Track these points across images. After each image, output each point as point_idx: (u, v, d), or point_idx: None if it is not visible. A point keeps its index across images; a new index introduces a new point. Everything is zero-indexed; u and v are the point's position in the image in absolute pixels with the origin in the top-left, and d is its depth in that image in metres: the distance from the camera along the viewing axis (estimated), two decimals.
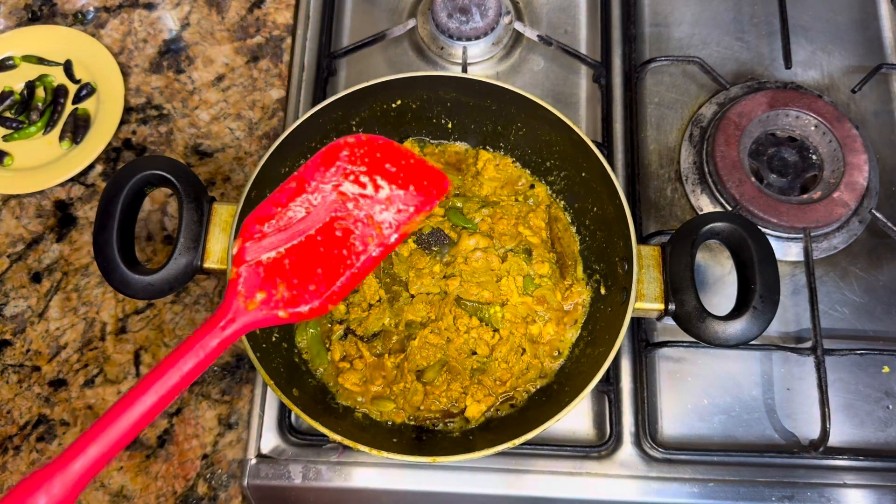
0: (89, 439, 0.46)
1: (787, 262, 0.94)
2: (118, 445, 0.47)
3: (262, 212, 0.55)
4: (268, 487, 0.83)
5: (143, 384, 0.48)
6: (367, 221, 0.56)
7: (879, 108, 1.04)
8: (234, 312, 0.52)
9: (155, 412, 0.48)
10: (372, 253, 0.55)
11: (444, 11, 1.01)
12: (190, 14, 1.08)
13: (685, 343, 0.85)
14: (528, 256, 0.86)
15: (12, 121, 1.01)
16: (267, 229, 0.54)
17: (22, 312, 0.92)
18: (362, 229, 0.55)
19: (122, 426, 0.47)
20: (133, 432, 0.47)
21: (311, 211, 0.55)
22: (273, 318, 0.53)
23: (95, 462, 0.46)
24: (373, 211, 0.56)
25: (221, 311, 0.52)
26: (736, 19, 1.09)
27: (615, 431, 0.84)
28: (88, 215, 0.96)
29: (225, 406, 0.87)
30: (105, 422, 0.47)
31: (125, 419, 0.47)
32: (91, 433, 0.47)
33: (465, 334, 0.82)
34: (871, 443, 0.87)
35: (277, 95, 1.03)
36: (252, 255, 0.54)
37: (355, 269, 0.55)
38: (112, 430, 0.47)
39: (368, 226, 0.56)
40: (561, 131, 0.83)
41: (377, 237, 0.55)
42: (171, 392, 0.49)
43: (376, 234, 0.56)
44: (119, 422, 0.47)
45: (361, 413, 0.80)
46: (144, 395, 0.48)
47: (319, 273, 0.54)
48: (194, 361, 0.49)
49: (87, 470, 0.46)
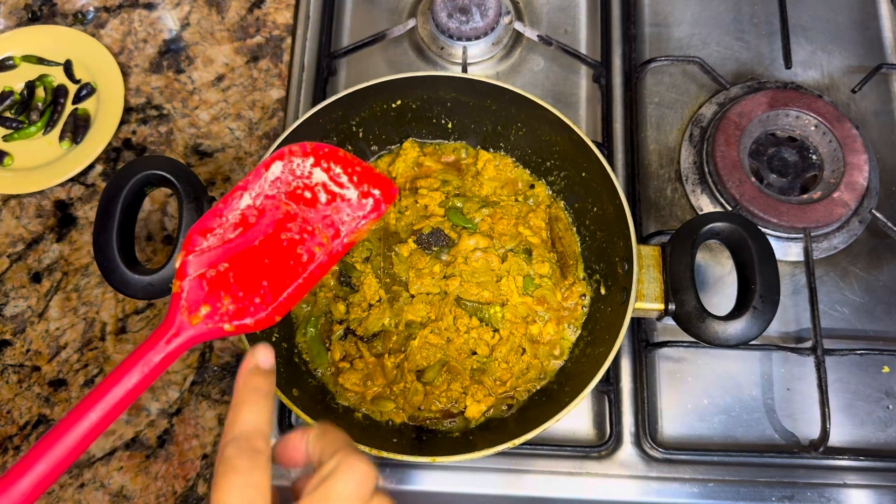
0: (35, 458, 0.46)
1: (787, 262, 0.94)
2: (65, 463, 0.46)
3: (205, 223, 0.55)
4: None
5: (87, 401, 0.48)
6: (313, 230, 0.55)
7: (879, 108, 1.04)
8: (178, 327, 0.51)
9: (101, 428, 0.48)
10: (319, 262, 0.55)
11: (444, 11, 1.01)
12: (190, 14, 1.08)
13: (685, 343, 0.85)
14: (528, 256, 0.86)
15: (12, 121, 1.01)
16: (210, 241, 0.54)
17: (22, 312, 0.92)
18: (308, 239, 0.55)
19: (68, 443, 0.46)
20: (79, 449, 0.47)
21: (256, 222, 0.55)
22: (218, 332, 0.53)
23: (42, 480, 0.45)
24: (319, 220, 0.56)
25: (164, 326, 0.51)
26: (736, 19, 1.09)
27: (615, 431, 0.84)
28: (88, 215, 0.96)
29: (225, 406, 0.87)
30: (50, 440, 0.46)
31: (71, 437, 0.47)
32: (36, 451, 0.46)
33: (465, 334, 0.82)
34: (871, 443, 0.87)
35: (277, 95, 1.03)
36: (195, 268, 0.53)
37: (301, 280, 0.54)
38: (58, 448, 0.46)
39: (315, 235, 0.55)
40: (561, 131, 0.83)
41: (324, 246, 0.55)
42: (116, 408, 0.48)
43: (323, 242, 0.55)
44: (65, 439, 0.46)
45: (361, 413, 0.80)
46: (89, 412, 0.47)
47: (265, 285, 0.53)
48: (138, 377, 0.49)
49: (32, 489, 0.45)
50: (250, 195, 0.56)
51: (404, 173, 0.90)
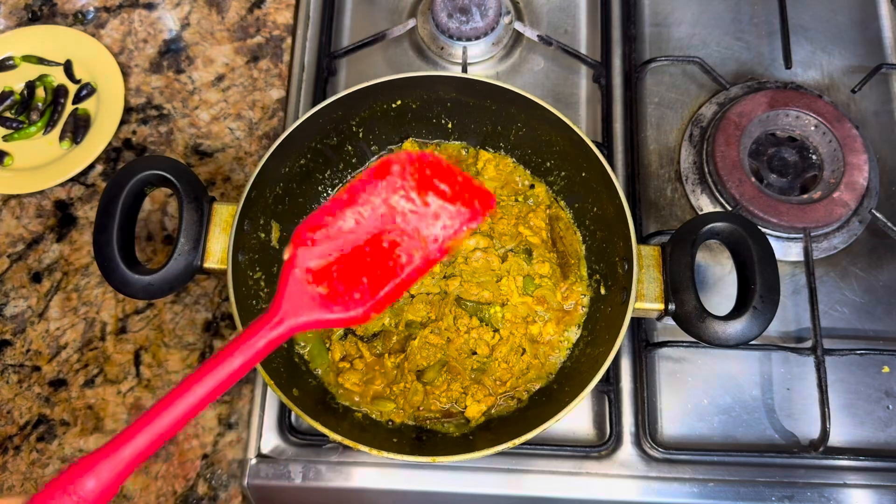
0: (138, 428, 0.49)
1: (787, 262, 0.94)
2: (164, 436, 0.50)
3: (315, 220, 0.58)
4: (268, 487, 0.83)
5: (193, 378, 0.51)
6: (413, 235, 0.58)
7: (879, 108, 1.04)
8: (283, 314, 0.54)
9: (200, 407, 0.51)
10: (416, 265, 0.58)
11: (444, 11, 1.01)
12: (190, 14, 1.08)
13: (685, 343, 0.85)
14: (528, 256, 0.86)
15: (12, 121, 1.01)
16: (317, 237, 0.57)
17: (22, 312, 0.92)
18: (408, 242, 0.58)
19: (170, 417, 0.50)
20: (179, 425, 0.50)
21: (361, 222, 0.58)
22: (317, 323, 0.55)
23: (143, 451, 0.49)
24: (420, 225, 0.58)
25: (271, 312, 0.54)
26: (736, 19, 1.09)
27: (615, 431, 0.84)
28: (88, 215, 0.96)
29: (225, 406, 0.87)
30: (154, 412, 0.50)
31: (173, 410, 0.50)
32: (140, 422, 0.49)
33: (466, 334, 0.82)
34: (871, 443, 0.87)
35: (277, 95, 1.03)
36: (302, 260, 0.56)
37: (399, 280, 0.57)
38: (160, 421, 0.49)
39: (414, 239, 0.58)
40: (561, 131, 0.83)
41: (422, 250, 0.58)
42: (218, 389, 0.51)
43: (421, 247, 0.58)
44: (167, 413, 0.50)
45: (361, 413, 0.80)
46: (193, 387, 0.51)
47: (365, 282, 0.56)
48: (241, 360, 0.52)
49: (134, 457, 0.48)
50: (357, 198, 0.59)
51: None
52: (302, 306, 0.55)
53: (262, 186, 0.79)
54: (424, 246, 0.58)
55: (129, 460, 0.48)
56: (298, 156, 0.84)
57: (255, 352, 0.53)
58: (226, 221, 0.77)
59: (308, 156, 0.85)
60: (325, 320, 0.55)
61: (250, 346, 0.52)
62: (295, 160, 0.84)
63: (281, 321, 0.54)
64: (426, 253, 0.58)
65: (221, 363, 0.51)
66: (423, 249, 0.58)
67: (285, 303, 0.54)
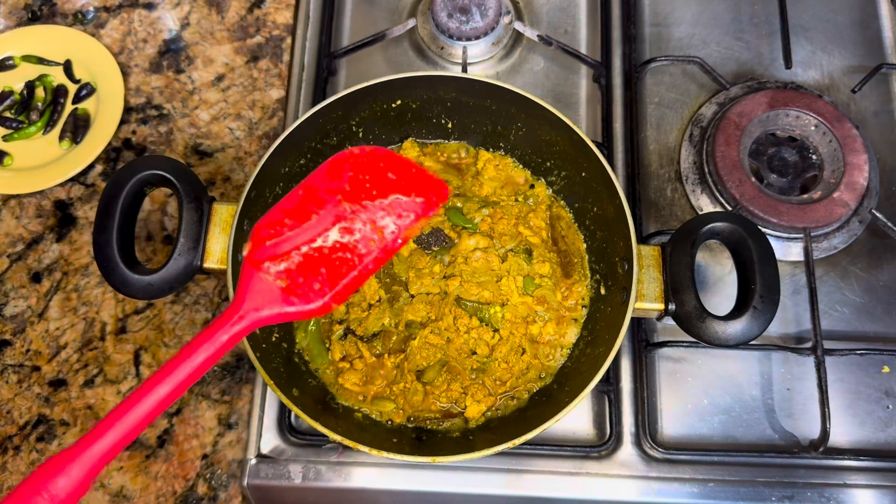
0: (107, 426, 0.50)
1: (787, 262, 0.94)
2: (132, 433, 0.51)
3: (272, 217, 0.60)
4: (268, 487, 0.83)
5: (158, 376, 0.52)
6: (370, 227, 0.60)
7: (879, 108, 1.04)
8: (244, 310, 0.56)
9: (167, 403, 0.52)
10: (374, 256, 0.59)
11: (444, 11, 1.01)
12: (190, 14, 1.08)
13: (685, 343, 0.85)
14: (528, 256, 0.86)
15: (12, 121, 1.00)
16: (275, 233, 0.58)
17: (22, 312, 0.92)
18: (365, 234, 0.59)
19: (137, 415, 0.51)
20: (146, 421, 0.52)
21: (318, 216, 0.59)
22: (279, 316, 0.57)
23: (111, 448, 0.50)
24: (376, 216, 0.60)
25: (232, 309, 0.56)
26: (736, 19, 1.09)
27: (615, 431, 0.84)
28: (88, 215, 0.96)
29: (225, 406, 0.87)
30: (121, 410, 0.51)
31: (140, 408, 0.51)
32: (108, 421, 0.50)
33: (465, 334, 0.82)
34: (871, 443, 0.87)
35: (277, 95, 1.03)
36: (260, 256, 0.58)
37: (358, 271, 0.59)
38: (127, 419, 0.51)
39: (372, 231, 0.59)
40: (561, 131, 0.83)
41: (379, 241, 0.59)
42: (182, 385, 0.53)
43: (378, 238, 0.59)
44: (134, 410, 0.51)
45: (361, 413, 0.80)
46: (158, 385, 0.52)
47: (324, 273, 0.58)
48: (205, 356, 0.54)
49: (103, 455, 0.50)
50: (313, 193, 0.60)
51: None
52: (262, 301, 0.56)
53: (261, 186, 0.79)
54: (382, 237, 0.59)
55: (98, 458, 0.50)
56: (298, 156, 0.84)
57: (218, 348, 0.54)
58: (226, 221, 0.77)
59: (308, 156, 0.85)
60: (287, 313, 0.57)
61: (213, 343, 0.54)
62: (295, 160, 0.83)
63: (242, 317, 0.56)
64: (384, 243, 0.59)
65: (185, 360, 0.53)
66: (381, 240, 0.59)
67: (246, 299, 0.56)
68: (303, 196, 0.60)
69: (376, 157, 0.62)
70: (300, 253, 0.58)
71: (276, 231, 0.58)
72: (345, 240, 0.59)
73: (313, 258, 0.58)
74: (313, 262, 0.58)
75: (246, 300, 0.56)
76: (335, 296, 0.58)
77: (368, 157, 0.62)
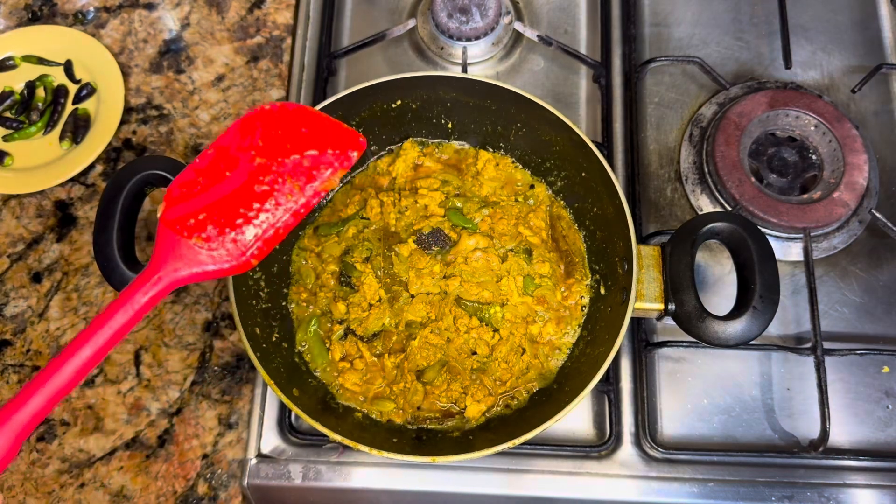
0: (30, 392, 0.51)
1: (787, 262, 0.94)
2: (56, 397, 0.52)
3: (185, 177, 0.60)
4: (268, 487, 0.83)
5: (79, 340, 0.53)
6: (287, 182, 0.60)
7: (879, 108, 1.04)
8: (162, 271, 0.56)
9: (88, 367, 0.53)
10: (292, 211, 0.59)
11: (444, 11, 1.01)
12: (190, 14, 1.08)
13: (685, 343, 0.85)
14: (528, 256, 0.86)
15: (12, 121, 1.01)
16: (189, 192, 0.59)
17: (22, 312, 0.92)
18: (281, 190, 0.59)
19: (60, 379, 0.52)
20: (70, 386, 0.52)
21: (231, 174, 0.59)
22: (199, 275, 0.57)
23: (37, 413, 0.51)
24: (291, 171, 0.60)
25: (149, 270, 0.56)
26: (736, 19, 1.09)
27: (615, 431, 0.84)
28: (88, 215, 0.96)
29: (225, 406, 0.87)
30: (45, 376, 0.52)
31: (63, 372, 0.52)
32: (32, 386, 0.51)
33: (465, 334, 0.82)
34: (871, 443, 0.87)
35: (277, 95, 1.03)
36: (175, 215, 0.58)
37: (275, 228, 0.59)
38: (52, 383, 0.52)
39: (288, 186, 0.60)
40: (561, 131, 0.83)
41: (296, 196, 0.59)
42: (103, 348, 0.54)
43: (296, 193, 0.59)
44: (58, 375, 0.52)
45: (361, 413, 0.80)
46: (81, 349, 0.53)
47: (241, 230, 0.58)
48: (125, 318, 0.54)
49: (29, 420, 0.51)
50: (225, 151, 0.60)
51: (404, 173, 0.90)
52: (179, 260, 0.56)
53: None
54: (298, 191, 0.59)
55: (25, 423, 0.50)
56: None
57: (137, 309, 0.55)
58: None
59: None
60: (206, 272, 0.57)
61: (132, 305, 0.55)
62: None
63: (160, 278, 0.56)
64: (300, 198, 0.59)
65: (105, 324, 0.53)
66: (298, 195, 0.59)
67: (162, 259, 0.56)
68: (214, 154, 0.60)
69: (287, 112, 0.62)
70: (215, 211, 0.58)
71: (189, 191, 0.58)
72: (260, 196, 0.59)
73: (230, 216, 0.58)
74: (230, 221, 0.58)
75: (162, 260, 0.56)
76: (254, 252, 0.58)
77: (280, 112, 0.62)
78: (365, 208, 0.88)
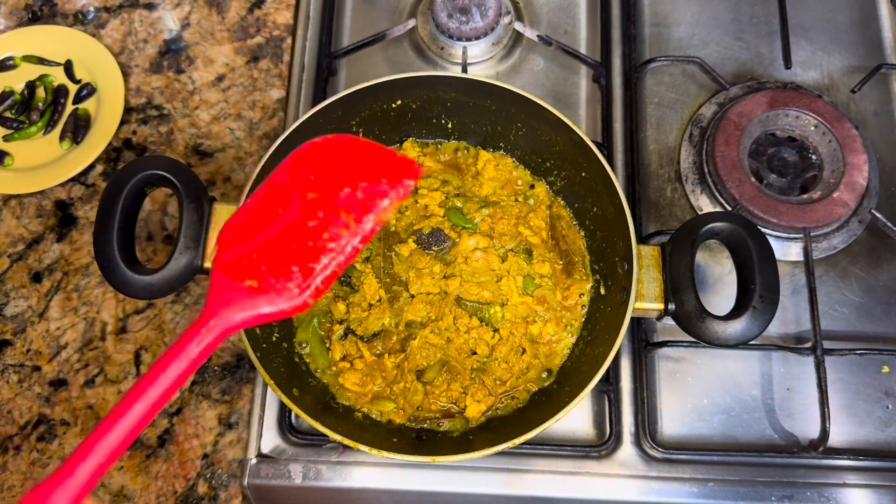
0: (85, 452, 0.48)
1: (786, 262, 0.94)
2: (113, 456, 0.48)
3: (237, 218, 0.57)
4: (268, 487, 0.83)
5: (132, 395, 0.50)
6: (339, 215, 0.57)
7: (879, 108, 1.04)
8: (216, 317, 0.53)
9: (144, 422, 0.50)
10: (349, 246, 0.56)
11: (444, 11, 1.01)
12: (190, 14, 1.08)
13: (685, 343, 0.85)
14: (528, 256, 0.86)
15: (13, 121, 1.01)
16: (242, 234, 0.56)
17: (22, 312, 0.92)
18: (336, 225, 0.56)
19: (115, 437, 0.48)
20: (125, 444, 0.49)
21: (285, 211, 0.57)
22: (255, 319, 0.54)
23: (94, 473, 0.48)
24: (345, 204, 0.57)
25: (203, 318, 0.53)
26: (736, 19, 1.09)
27: (615, 431, 0.85)
28: (89, 215, 0.96)
29: (225, 406, 0.87)
30: (98, 434, 0.48)
31: (117, 431, 0.49)
32: (86, 446, 0.48)
33: (465, 334, 0.82)
34: (871, 443, 0.87)
35: (278, 95, 1.03)
36: (229, 258, 0.55)
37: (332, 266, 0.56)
38: (105, 442, 0.48)
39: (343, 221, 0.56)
40: (561, 131, 0.83)
41: (352, 231, 0.56)
42: (158, 402, 0.50)
43: (351, 227, 0.56)
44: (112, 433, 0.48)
45: (361, 413, 0.80)
46: (134, 405, 0.49)
47: (297, 270, 0.55)
48: (179, 370, 0.51)
49: (86, 482, 0.47)
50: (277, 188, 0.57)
51: None
52: (234, 305, 0.53)
53: None
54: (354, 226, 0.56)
55: (82, 486, 0.47)
56: None
57: (192, 360, 0.51)
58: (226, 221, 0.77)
59: None
60: (263, 314, 0.54)
61: (186, 355, 0.51)
62: None
63: (215, 325, 0.53)
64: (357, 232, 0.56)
65: (158, 377, 0.50)
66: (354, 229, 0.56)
67: (216, 305, 0.53)
68: (267, 193, 0.58)
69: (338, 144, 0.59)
70: (270, 252, 0.55)
71: (242, 232, 0.56)
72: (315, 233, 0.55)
73: (285, 256, 0.55)
74: (285, 260, 0.55)
75: (216, 306, 0.53)
76: (311, 293, 0.55)
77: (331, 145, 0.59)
78: None
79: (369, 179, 0.57)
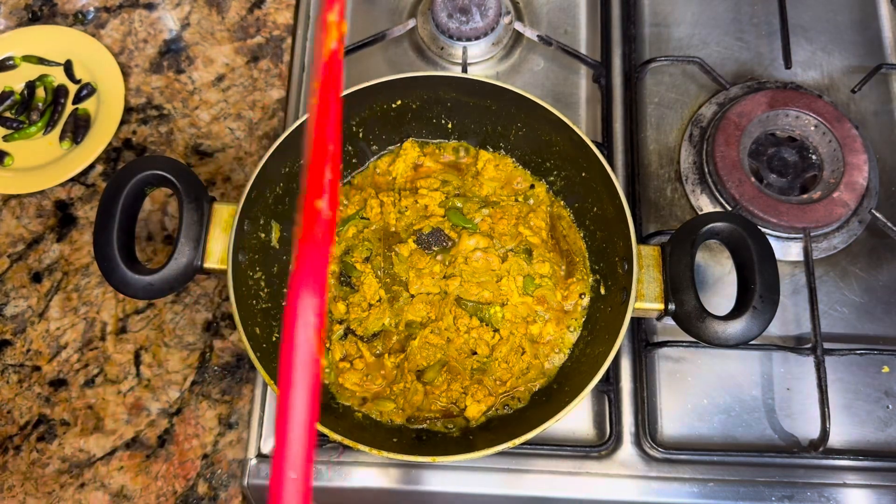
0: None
1: (787, 262, 0.94)
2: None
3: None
4: (268, 487, 0.83)
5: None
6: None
7: (879, 108, 1.04)
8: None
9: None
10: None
11: (444, 11, 1.01)
12: (190, 14, 1.08)
13: (685, 343, 0.85)
14: (528, 256, 0.86)
15: (13, 121, 1.01)
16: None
17: (22, 312, 0.92)
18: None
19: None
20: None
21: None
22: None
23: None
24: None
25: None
26: (736, 19, 1.09)
27: (615, 431, 0.84)
28: (89, 215, 0.96)
29: (225, 406, 0.87)
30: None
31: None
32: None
33: (466, 334, 0.82)
34: (871, 443, 0.87)
35: (278, 95, 1.03)
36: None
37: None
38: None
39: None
40: (561, 131, 0.83)
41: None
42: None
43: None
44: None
45: (361, 413, 0.80)
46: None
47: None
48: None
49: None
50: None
51: (404, 173, 0.90)
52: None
53: (262, 186, 0.79)
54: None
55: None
56: (298, 156, 0.84)
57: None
58: (226, 221, 0.77)
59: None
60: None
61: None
62: (295, 160, 0.83)
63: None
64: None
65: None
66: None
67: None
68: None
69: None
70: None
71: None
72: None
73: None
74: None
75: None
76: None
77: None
78: (365, 208, 0.88)
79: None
